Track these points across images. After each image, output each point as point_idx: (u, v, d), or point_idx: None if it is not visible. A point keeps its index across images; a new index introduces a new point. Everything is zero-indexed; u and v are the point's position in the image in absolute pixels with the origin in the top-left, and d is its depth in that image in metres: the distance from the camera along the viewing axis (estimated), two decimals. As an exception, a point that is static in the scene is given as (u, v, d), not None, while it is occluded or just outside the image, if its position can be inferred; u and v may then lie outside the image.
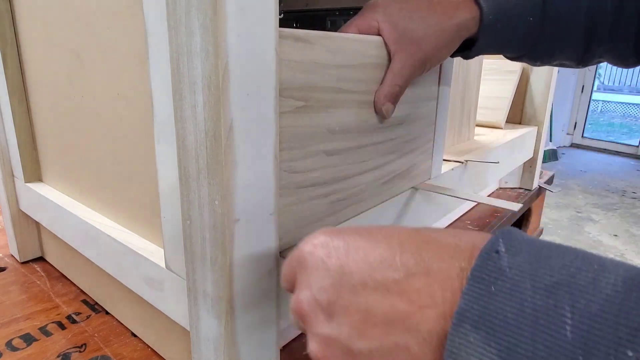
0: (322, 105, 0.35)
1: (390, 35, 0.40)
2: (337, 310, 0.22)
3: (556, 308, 0.18)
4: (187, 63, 0.27)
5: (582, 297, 0.17)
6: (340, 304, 0.22)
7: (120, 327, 0.48)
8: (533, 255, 0.19)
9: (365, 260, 0.22)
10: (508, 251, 0.20)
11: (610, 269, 0.18)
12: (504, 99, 0.92)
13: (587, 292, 0.18)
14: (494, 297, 0.18)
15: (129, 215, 0.42)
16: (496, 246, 0.20)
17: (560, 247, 0.20)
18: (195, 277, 0.32)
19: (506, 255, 0.20)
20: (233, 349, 0.32)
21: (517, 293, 0.18)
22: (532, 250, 0.20)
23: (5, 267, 0.59)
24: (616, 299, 0.17)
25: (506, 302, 0.18)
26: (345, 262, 0.22)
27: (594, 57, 0.48)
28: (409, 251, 0.21)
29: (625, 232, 2.72)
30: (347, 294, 0.22)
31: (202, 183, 0.28)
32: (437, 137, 0.55)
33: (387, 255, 0.21)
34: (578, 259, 0.19)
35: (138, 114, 0.36)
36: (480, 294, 0.19)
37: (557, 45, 0.46)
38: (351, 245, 0.23)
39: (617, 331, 0.16)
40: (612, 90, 8.45)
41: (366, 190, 0.44)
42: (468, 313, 0.19)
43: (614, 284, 0.17)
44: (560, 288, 0.18)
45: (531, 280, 0.18)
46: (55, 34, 0.44)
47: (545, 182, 1.02)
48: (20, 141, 0.53)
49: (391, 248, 0.22)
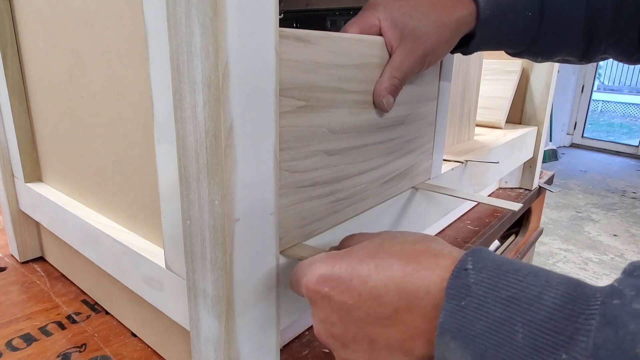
0: (323, 105, 0.35)
1: (391, 33, 0.40)
2: (349, 341, 0.27)
3: (510, 319, 0.21)
4: (187, 63, 0.27)
5: (530, 309, 0.21)
6: (349, 336, 0.27)
7: (120, 327, 0.48)
8: (494, 272, 0.23)
9: (361, 297, 0.26)
10: (475, 268, 0.23)
11: (554, 284, 0.21)
12: (504, 99, 0.92)
13: (533, 304, 0.21)
14: (465, 310, 0.22)
15: (129, 215, 0.42)
16: (465, 264, 0.24)
17: (517, 264, 0.23)
18: (195, 277, 0.32)
19: (473, 272, 0.23)
20: (233, 349, 0.32)
21: (481, 306, 0.22)
22: (494, 267, 0.23)
23: (5, 267, 0.59)
24: (556, 311, 0.20)
25: (474, 315, 0.22)
26: (346, 300, 0.26)
27: (598, 52, 0.47)
28: (393, 290, 0.25)
29: (625, 232, 2.72)
30: (353, 327, 0.26)
31: (202, 183, 0.28)
32: (437, 137, 0.55)
33: (377, 293, 0.25)
34: (530, 275, 0.22)
35: (138, 113, 0.36)
36: (454, 309, 0.23)
37: (557, 39, 0.46)
38: (347, 281, 0.27)
39: (555, 338, 0.20)
40: (612, 90, 8.45)
41: (366, 190, 0.44)
42: (446, 326, 0.23)
43: (554, 297, 0.21)
44: (514, 301, 0.21)
45: (492, 295, 0.22)
46: (55, 34, 0.44)
47: (545, 182, 1.02)
48: (20, 141, 0.53)
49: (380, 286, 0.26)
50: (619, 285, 0.20)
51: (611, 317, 0.19)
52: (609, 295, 0.20)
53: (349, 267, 0.27)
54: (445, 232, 0.75)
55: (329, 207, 0.39)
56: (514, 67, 0.93)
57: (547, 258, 2.36)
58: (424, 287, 0.24)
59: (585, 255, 2.40)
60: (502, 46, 0.47)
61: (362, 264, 0.27)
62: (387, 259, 0.26)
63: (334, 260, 0.28)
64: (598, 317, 0.19)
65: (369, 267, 0.26)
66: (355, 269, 0.27)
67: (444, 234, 0.74)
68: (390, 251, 0.27)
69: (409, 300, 0.25)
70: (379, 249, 0.28)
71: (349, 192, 0.41)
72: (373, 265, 0.26)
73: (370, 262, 0.27)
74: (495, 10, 0.42)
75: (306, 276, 0.29)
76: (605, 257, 2.39)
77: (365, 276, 0.26)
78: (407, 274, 0.25)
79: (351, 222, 0.42)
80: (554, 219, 2.90)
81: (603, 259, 2.37)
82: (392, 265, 0.26)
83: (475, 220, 0.80)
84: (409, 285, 0.25)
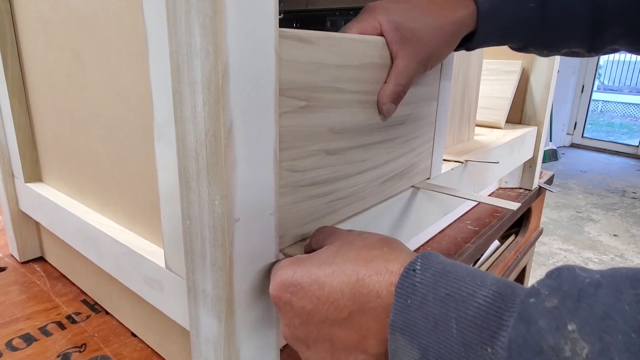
0: (324, 105, 0.35)
1: (392, 36, 0.40)
2: (311, 342, 0.29)
3: (446, 315, 0.23)
4: (187, 63, 0.27)
5: (463, 306, 0.22)
6: (311, 337, 0.29)
7: (120, 327, 0.48)
8: (438, 272, 0.25)
9: (319, 301, 0.28)
10: (422, 269, 0.25)
11: (488, 284, 0.23)
12: (504, 99, 0.92)
13: (467, 302, 0.23)
14: (410, 309, 0.24)
15: (129, 215, 0.42)
16: (414, 265, 0.25)
17: (459, 267, 0.25)
18: (195, 277, 0.32)
19: (419, 272, 0.25)
20: (233, 349, 0.32)
21: (423, 304, 0.24)
22: (438, 268, 0.25)
23: (5, 267, 0.59)
24: (485, 307, 0.22)
25: (418, 313, 0.24)
26: (305, 304, 0.28)
27: (606, 42, 0.45)
28: (348, 295, 0.27)
29: (625, 232, 2.72)
30: (314, 330, 0.28)
31: (202, 183, 0.28)
32: (437, 137, 0.55)
33: (334, 297, 0.27)
34: (468, 276, 0.24)
35: (138, 114, 0.36)
36: (402, 307, 0.24)
37: (562, 29, 0.45)
38: (306, 287, 0.28)
39: (483, 333, 0.21)
40: (612, 90, 8.45)
41: (366, 190, 0.44)
42: (395, 323, 0.24)
43: (486, 296, 0.22)
44: (450, 299, 0.23)
45: (432, 293, 0.24)
46: (55, 34, 0.44)
47: (545, 182, 1.02)
48: (20, 141, 0.53)
49: (336, 291, 0.27)
50: (538, 285, 0.21)
51: (525, 314, 0.20)
52: (528, 294, 0.21)
53: (308, 273, 0.29)
54: (445, 232, 0.75)
55: (328, 206, 0.39)
56: (514, 67, 0.93)
57: (547, 258, 2.36)
58: (375, 292, 0.26)
59: (586, 255, 2.40)
60: (506, 40, 0.46)
61: (320, 269, 0.28)
62: (342, 264, 0.28)
63: (295, 266, 0.29)
64: (515, 314, 0.21)
65: (326, 273, 0.28)
66: (313, 274, 0.28)
67: (444, 234, 0.74)
68: (346, 257, 0.28)
69: (361, 303, 0.26)
70: (336, 255, 0.29)
71: (348, 191, 0.41)
72: (330, 271, 0.28)
73: (327, 268, 0.28)
74: (495, 2, 0.42)
75: (271, 283, 0.31)
76: (605, 257, 2.39)
77: (322, 282, 0.28)
78: (359, 279, 0.27)
79: (350, 221, 0.42)
80: (554, 219, 2.90)
81: (603, 259, 2.37)
82: (347, 271, 0.27)
83: (475, 220, 0.80)
84: (361, 290, 0.26)
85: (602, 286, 0.20)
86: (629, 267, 0.21)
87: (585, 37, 0.45)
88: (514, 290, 0.22)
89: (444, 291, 0.23)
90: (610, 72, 8.59)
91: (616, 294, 0.19)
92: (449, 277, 0.24)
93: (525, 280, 1.13)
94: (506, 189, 0.99)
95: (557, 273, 0.22)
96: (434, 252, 0.27)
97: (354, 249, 0.29)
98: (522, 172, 0.98)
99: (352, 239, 0.30)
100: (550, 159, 4.26)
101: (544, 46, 0.47)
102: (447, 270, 0.25)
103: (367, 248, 0.29)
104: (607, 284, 0.20)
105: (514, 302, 0.21)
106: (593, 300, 0.19)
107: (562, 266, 0.22)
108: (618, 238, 2.63)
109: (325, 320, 0.28)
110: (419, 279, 0.25)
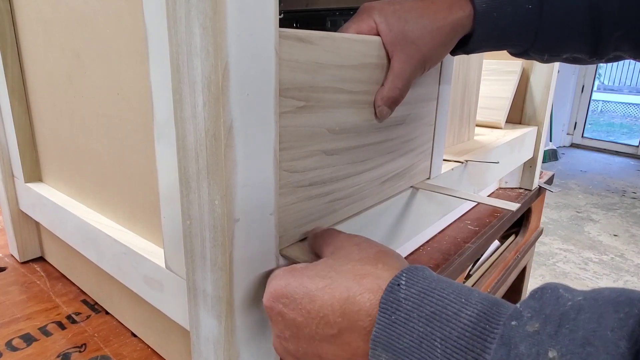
0: (323, 106, 0.35)
1: (387, 37, 0.40)
2: (301, 355, 0.29)
3: (431, 334, 0.23)
4: (187, 63, 0.27)
5: (448, 325, 0.22)
6: (301, 350, 0.29)
7: (120, 327, 0.48)
8: (423, 288, 0.24)
9: (310, 315, 0.27)
10: (407, 284, 0.25)
11: (472, 303, 0.23)
12: (504, 99, 0.92)
13: (451, 321, 0.22)
14: (394, 325, 0.24)
15: (129, 215, 0.42)
16: (399, 280, 0.25)
17: (445, 283, 0.25)
18: (195, 277, 0.32)
19: (404, 288, 0.25)
20: (233, 349, 0.32)
21: (408, 322, 0.23)
22: (424, 284, 0.25)
23: (5, 267, 0.59)
24: (469, 328, 0.22)
25: (402, 329, 0.23)
26: (296, 317, 0.28)
27: (609, 47, 0.44)
28: (338, 311, 0.26)
29: (625, 232, 2.72)
30: (304, 343, 0.28)
31: (202, 183, 0.28)
32: (437, 137, 0.55)
33: (324, 312, 0.27)
34: (453, 292, 0.24)
35: (138, 114, 0.36)
36: (386, 323, 0.24)
37: (562, 32, 0.44)
38: (298, 299, 0.28)
39: (467, 355, 0.21)
40: (612, 90, 8.45)
41: (364, 190, 0.44)
42: (378, 339, 0.24)
43: (470, 315, 0.22)
44: (435, 317, 0.23)
45: (417, 310, 0.24)
46: (55, 34, 0.44)
47: (545, 182, 1.02)
48: (20, 141, 0.53)
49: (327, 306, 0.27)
50: (520, 307, 0.21)
51: (507, 338, 0.20)
52: (510, 317, 0.21)
53: (301, 285, 0.28)
54: (445, 232, 0.75)
55: (328, 207, 0.39)
56: (514, 68, 0.93)
57: (547, 258, 2.36)
58: (365, 310, 0.26)
59: (586, 255, 2.40)
60: (504, 42, 0.45)
61: (313, 283, 0.28)
62: (335, 279, 0.27)
63: (289, 277, 0.29)
64: (497, 338, 0.20)
65: (319, 287, 0.28)
66: (306, 287, 0.28)
67: (444, 234, 0.74)
68: (340, 271, 0.28)
69: (351, 321, 0.26)
70: (331, 268, 0.29)
71: (348, 191, 0.41)
72: (322, 285, 0.27)
73: (320, 282, 0.28)
74: (492, 3, 0.41)
75: (265, 292, 0.30)
76: (605, 257, 2.39)
77: (314, 295, 0.27)
78: (350, 295, 0.26)
79: (350, 221, 0.42)
80: (554, 219, 2.90)
81: (603, 259, 2.37)
82: (339, 286, 0.27)
83: (475, 220, 0.80)
84: (352, 307, 0.26)
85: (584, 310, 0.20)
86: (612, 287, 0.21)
87: (585, 40, 0.44)
88: (499, 309, 0.22)
89: (429, 309, 0.23)
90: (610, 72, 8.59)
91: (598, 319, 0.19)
92: (434, 294, 0.24)
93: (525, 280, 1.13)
94: (506, 189, 0.99)
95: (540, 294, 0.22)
96: (420, 266, 0.27)
97: (350, 262, 0.29)
98: (522, 172, 0.98)
99: (349, 251, 0.30)
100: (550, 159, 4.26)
101: (543, 50, 0.46)
102: (432, 287, 0.24)
103: (362, 262, 0.28)
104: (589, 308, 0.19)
105: (497, 323, 0.21)
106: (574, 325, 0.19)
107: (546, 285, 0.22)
108: (618, 238, 2.63)
109: (315, 335, 0.27)
110: (404, 294, 0.24)
